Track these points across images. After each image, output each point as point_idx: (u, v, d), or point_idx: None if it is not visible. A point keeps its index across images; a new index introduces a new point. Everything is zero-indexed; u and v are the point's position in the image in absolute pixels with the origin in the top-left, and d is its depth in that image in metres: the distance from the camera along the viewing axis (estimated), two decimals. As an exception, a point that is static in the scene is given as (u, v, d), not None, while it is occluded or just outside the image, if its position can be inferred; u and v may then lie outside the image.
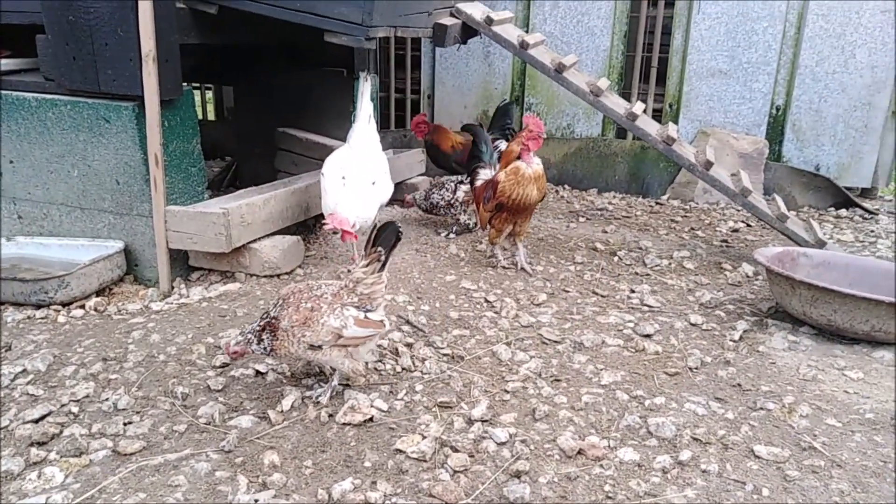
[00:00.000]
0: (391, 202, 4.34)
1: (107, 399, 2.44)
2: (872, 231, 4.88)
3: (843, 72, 5.43)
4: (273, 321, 2.36)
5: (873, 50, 5.34)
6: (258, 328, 2.38)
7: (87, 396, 2.46)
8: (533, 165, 3.61)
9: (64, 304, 3.23)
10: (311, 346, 2.36)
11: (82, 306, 3.23)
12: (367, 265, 2.46)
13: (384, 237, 2.47)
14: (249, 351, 2.39)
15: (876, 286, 3.04)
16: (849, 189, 5.57)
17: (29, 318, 3.13)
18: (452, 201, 4.46)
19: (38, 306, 3.20)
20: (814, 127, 5.62)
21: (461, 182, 4.50)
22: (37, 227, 3.67)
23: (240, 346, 2.38)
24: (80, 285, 3.24)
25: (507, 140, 4.81)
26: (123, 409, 2.38)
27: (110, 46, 3.18)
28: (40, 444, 2.18)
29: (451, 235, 4.42)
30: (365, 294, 2.45)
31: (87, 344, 2.88)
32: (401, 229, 2.47)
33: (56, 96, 3.40)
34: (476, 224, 4.40)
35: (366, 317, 2.42)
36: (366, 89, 3.82)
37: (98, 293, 3.36)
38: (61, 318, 3.13)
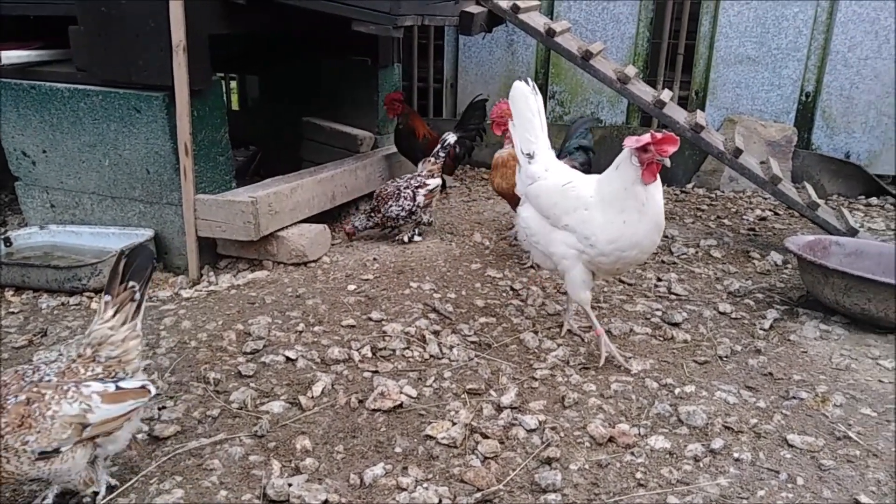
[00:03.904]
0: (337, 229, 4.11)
1: (141, 384, 2.48)
2: (905, 220, 4.79)
3: (876, 57, 5.30)
4: None
5: (908, 34, 5.22)
6: None
7: (123, 381, 2.51)
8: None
9: (96, 291, 3.28)
10: (44, 455, 1.67)
11: (115, 293, 3.29)
12: (115, 314, 1.82)
13: (136, 268, 1.86)
14: None
15: (911, 275, 2.99)
16: (879, 177, 5.46)
17: (63, 304, 3.20)
18: (414, 209, 3.90)
19: (72, 293, 3.26)
20: (844, 114, 5.51)
21: (419, 186, 3.93)
22: (69, 215, 3.74)
23: None
24: (113, 273, 3.30)
25: (472, 141, 4.67)
26: (157, 395, 2.39)
27: (142, 37, 3.21)
28: (79, 426, 2.22)
29: (417, 238, 4.03)
30: (113, 357, 1.83)
31: (121, 330, 2.93)
32: (155, 256, 1.97)
33: (88, 87, 3.44)
34: (431, 220, 4.11)
35: (117, 388, 1.78)
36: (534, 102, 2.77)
37: (129, 281, 3.41)
38: (94, 305, 3.18)
